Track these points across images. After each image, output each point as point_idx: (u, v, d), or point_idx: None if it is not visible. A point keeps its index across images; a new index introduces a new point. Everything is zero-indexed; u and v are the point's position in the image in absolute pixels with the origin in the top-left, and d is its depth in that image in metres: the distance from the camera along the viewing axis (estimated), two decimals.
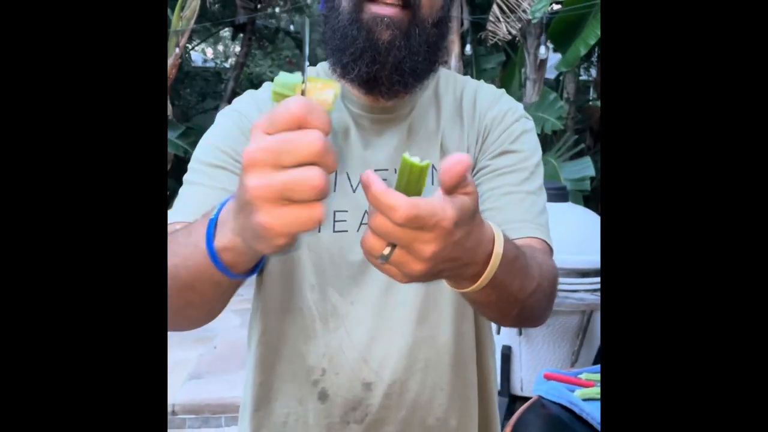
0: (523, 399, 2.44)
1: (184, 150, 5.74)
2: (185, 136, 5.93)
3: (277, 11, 8.92)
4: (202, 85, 9.00)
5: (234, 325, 3.99)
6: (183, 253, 0.59)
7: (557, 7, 4.85)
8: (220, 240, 0.55)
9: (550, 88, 5.52)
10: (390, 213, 0.46)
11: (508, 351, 2.59)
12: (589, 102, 7.41)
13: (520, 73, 5.69)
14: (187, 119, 7.75)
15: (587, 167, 4.53)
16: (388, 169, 0.83)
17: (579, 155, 4.99)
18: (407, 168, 0.48)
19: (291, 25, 9.69)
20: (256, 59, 10.40)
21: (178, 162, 5.86)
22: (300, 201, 0.44)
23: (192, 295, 0.62)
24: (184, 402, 3.13)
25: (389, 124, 0.85)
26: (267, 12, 8.37)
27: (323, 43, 0.83)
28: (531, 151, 0.85)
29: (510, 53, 6.04)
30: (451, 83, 0.90)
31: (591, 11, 4.53)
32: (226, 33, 10.70)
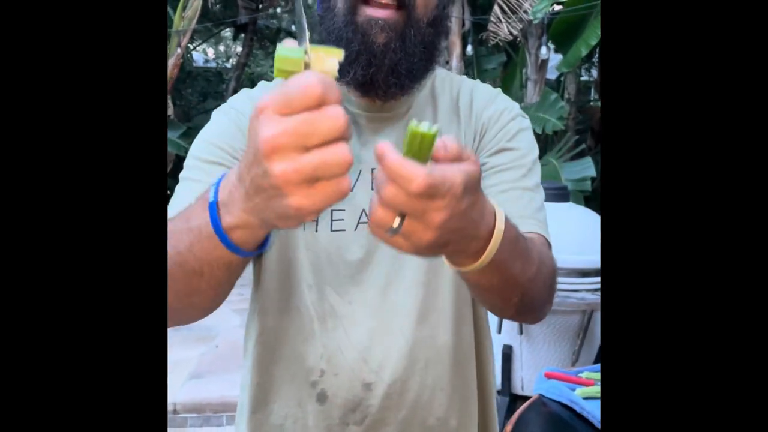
0: (524, 398, 2.44)
1: (185, 150, 5.71)
2: (186, 135, 5.92)
3: (279, 11, 8.92)
4: (203, 85, 9.01)
5: (235, 324, 4.00)
6: (187, 240, 0.58)
7: (558, 7, 4.83)
8: (229, 220, 0.54)
9: (551, 89, 5.52)
10: (406, 183, 0.45)
11: (509, 350, 2.58)
12: (590, 102, 7.41)
13: (521, 74, 5.69)
14: (188, 119, 7.75)
15: (588, 167, 4.53)
16: None
17: (580, 155, 4.98)
18: (417, 137, 0.46)
19: (292, 26, 9.68)
20: (257, 59, 10.41)
21: (178, 161, 5.85)
22: (330, 178, 0.45)
23: (199, 281, 0.61)
24: (186, 401, 3.13)
25: (386, 123, 0.85)
26: (269, 12, 8.37)
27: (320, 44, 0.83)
28: (528, 149, 0.85)
29: (511, 54, 6.04)
30: (448, 83, 0.90)
31: (592, 12, 4.52)
32: (227, 33, 10.71)
